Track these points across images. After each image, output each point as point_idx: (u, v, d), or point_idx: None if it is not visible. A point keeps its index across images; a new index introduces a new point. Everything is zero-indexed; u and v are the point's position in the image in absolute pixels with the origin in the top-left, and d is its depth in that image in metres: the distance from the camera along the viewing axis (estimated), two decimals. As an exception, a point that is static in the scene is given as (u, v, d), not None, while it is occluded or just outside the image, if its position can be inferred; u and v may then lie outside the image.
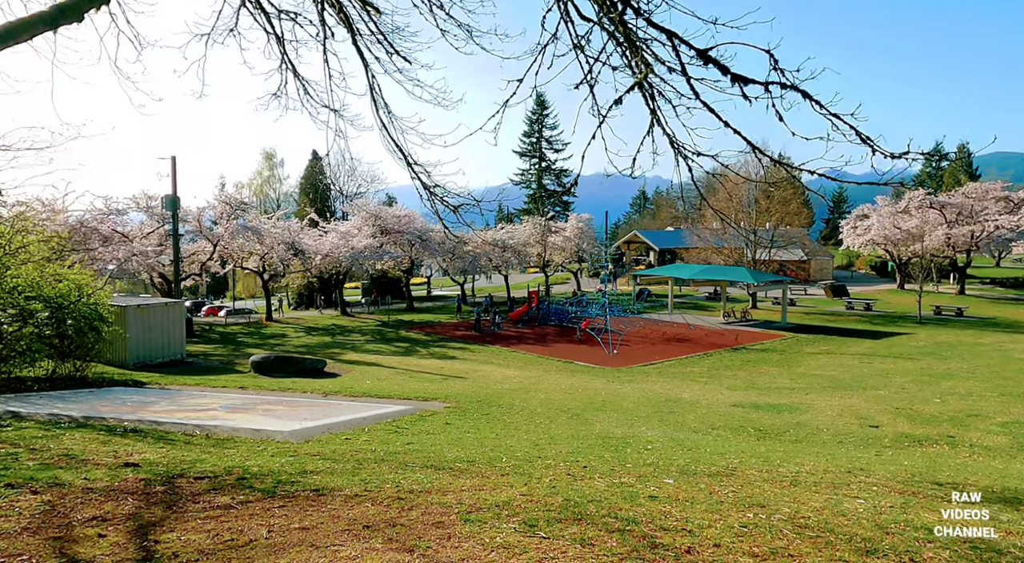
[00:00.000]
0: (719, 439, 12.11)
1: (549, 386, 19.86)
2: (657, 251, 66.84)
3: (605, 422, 14.23)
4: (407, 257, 47.40)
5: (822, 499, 5.53)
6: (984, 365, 23.66)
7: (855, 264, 70.33)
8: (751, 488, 6.01)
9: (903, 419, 15.01)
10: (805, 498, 5.54)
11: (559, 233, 54.08)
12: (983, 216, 48.44)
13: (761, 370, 24.30)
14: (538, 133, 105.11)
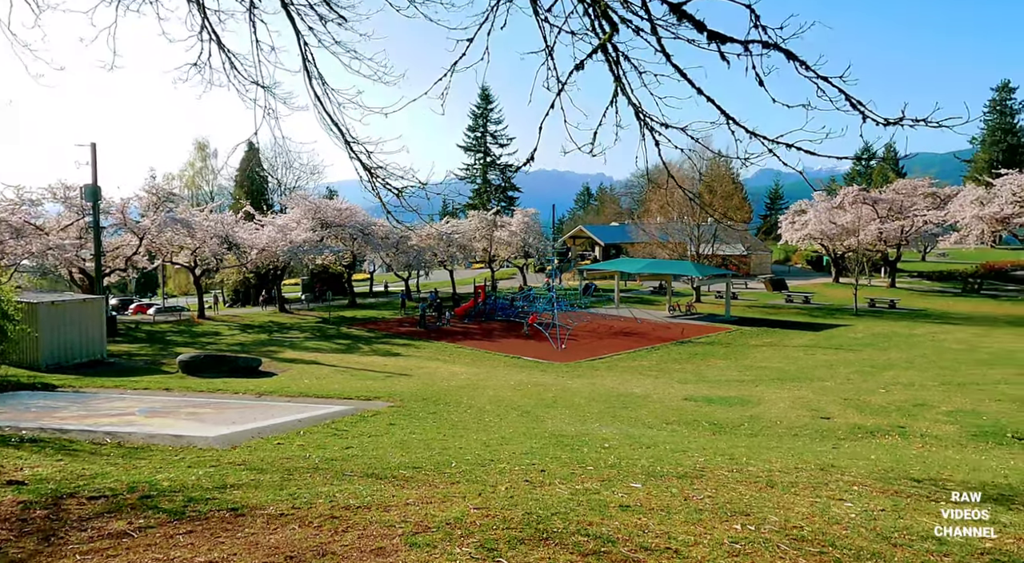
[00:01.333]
0: (676, 435, 11.69)
1: (498, 382, 19.20)
2: (602, 246, 67.06)
3: (557, 419, 13.67)
4: (349, 251, 45.95)
5: (807, 503, 5.03)
6: (921, 355, 24.24)
7: (792, 258, 72.22)
8: (727, 492, 5.48)
9: (853, 410, 14.98)
10: (789, 502, 5.04)
11: (505, 228, 53.51)
12: (912, 212, 50.25)
13: (709, 363, 24.26)
14: (483, 128, 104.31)
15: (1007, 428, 13.06)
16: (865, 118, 4.60)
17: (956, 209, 45.97)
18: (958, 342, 27.45)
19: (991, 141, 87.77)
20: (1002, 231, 45.24)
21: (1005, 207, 42.36)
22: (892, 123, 4.46)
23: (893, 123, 4.46)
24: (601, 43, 5.75)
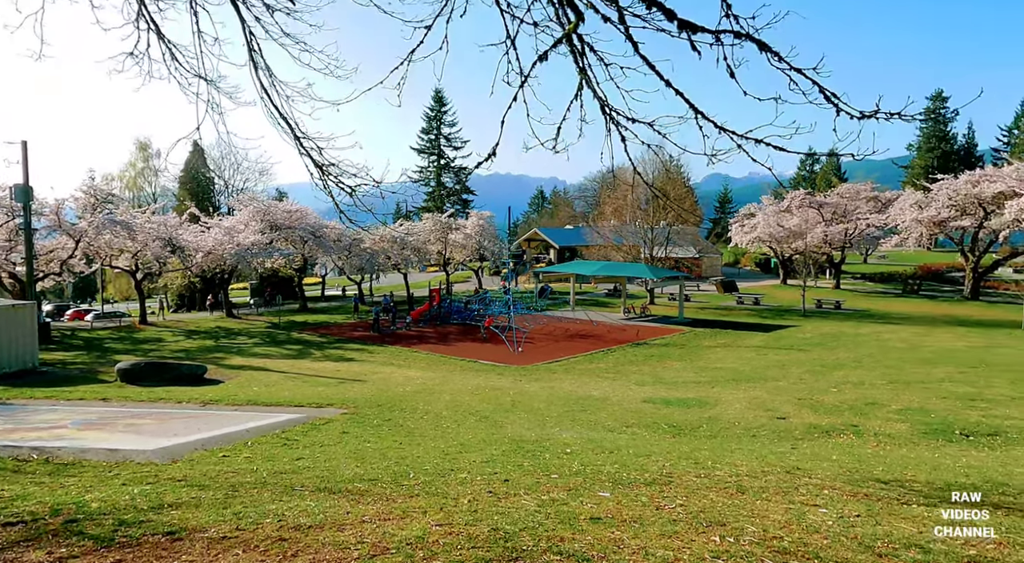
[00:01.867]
0: (637, 438, 11.55)
1: (454, 387, 18.83)
2: (557, 249, 67.25)
3: (516, 424, 13.39)
4: (300, 254, 44.84)
5: (781, 510, 4.88)
6: (868, 354, 24.85)
7: (741, 261, 73.77)
8: (698, 499, 5.29)
9: (807, 410, 15.14)
10: (763, 510, 4.88)
11: (460, 230, 53.11)
12: (855, 215, 51.88)
13: (665, 364, 24.38)
14: (436, 130, 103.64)
15: (954, 425, 13.36)
16: (839, 112, 4.47)
17: (896, 213, 47.61)
18: (901, 341, 28.31)
19: (927, 148, 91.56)
20: (939, 234, 47.04)
21: (942, 211, 44.05)
22: (867, 116, 4.34)
23: (868, 116, 4.34)
24: (566, 33, 5.52)
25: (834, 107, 4.46)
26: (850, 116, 4.43)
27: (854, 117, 4.42)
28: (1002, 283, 51.21)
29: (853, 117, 4.43)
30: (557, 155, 6.49)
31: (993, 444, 12.02)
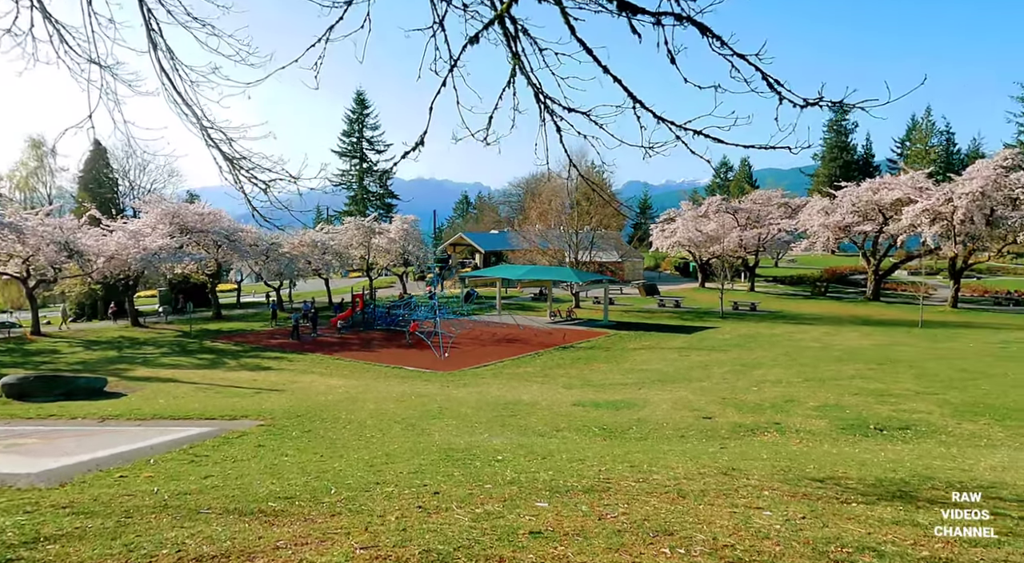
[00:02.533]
0: (568, 442, 11.34)
1: (379, 394, 18.16)
2: (483, 253, 66.96)
3: (444, 431, 12.94)
4: (213, 259, 42.65)
5: (726, 514, 4.69)
6: (783, 354, 25.74)
7: (662, 265, 75.72)
8: (641, 506, 5.04)
9: (731, 409, 15.39)
10: (707, 515, 4.68)
11: (383, 235, 52.00)
12: (768, 220, 54.12)
13: (593, 367, 24.45)
14: (359, 133, 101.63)
15: (868, 420, 13.87)
16: (782, 100, 4.33)
17: (805, 218, 49.94)
18: (813, 341, 29.55)
19: (830, 158, 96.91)
20: (844, 238, 49.66)
21: (846, 216, 46.53)
22: (811, 104, 4.22)
23: (812, 104, 4.22)
24: (498, 14, 5.20)
25: (777, 95, 4.32)
26: (793, 104, 4.30)
27: (797, 105, 4.29)
28: (900, 284, 54.57)
29: (796, 105, 4.29)
30: (487, 147, 6.15)
31: (905, 437, 12.51)
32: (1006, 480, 6.44)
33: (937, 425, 13.39)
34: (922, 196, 41.42)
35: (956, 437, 12.41)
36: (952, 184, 40.87)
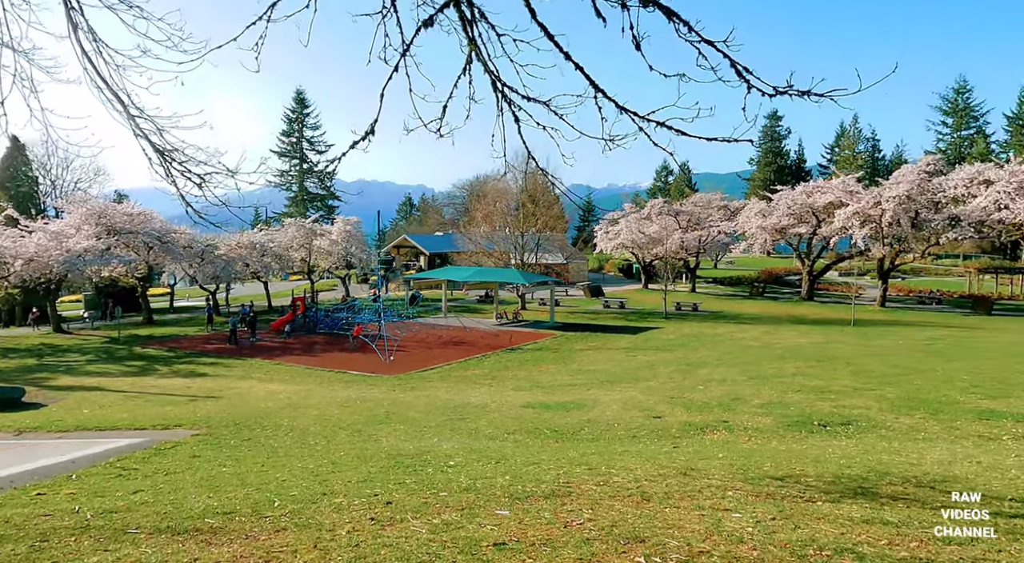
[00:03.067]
0: (521, 445, 11.12)
1: (322, 400, 17.55)
2: (428, 255, 66.30)
3: (392, 436, 12.54)
4: (143, 262, 40.69)
5: (695, 518, 4.55)
6: (727, 352, 26.24)
7: (605, 267, 76.61)
8: (606, 511, 4.85)
9: (680, 408, 15.48)
10: (676, 519, 4.52)
11: (325, 236, 50.77)
12: (708, 223, 55.39)
13: (541, 368, 24.34)
14: (299, 133, 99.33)
15: (812, 416, 14.14)
16: (750, 88, 4.21)
17: (744, 220, 51.29)
18: (754, 340, 30.24)
19: (765, 162, 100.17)
20: (780, 240, 51.23)
21: (782, 219, 47.97)
22: (780, 92, 4.11)
23: (781, 93, 4.11)
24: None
25: (745, 83, 4.19)
26: (762, 93, 4.19)
27: (766, 94, 4.18)
28: (832, 285, 56.65)
29: (765, 94, 4.18)
30: (441, 139, 5.86)
31: (848, 432, 12.79)
32: (956, 473, 6.56)
33: (876, 420, 13.76)
34: (853, 199, 43.07)
35: (895, 431, 12.76)
36: (880, 188, 42.64)
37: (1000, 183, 38.11)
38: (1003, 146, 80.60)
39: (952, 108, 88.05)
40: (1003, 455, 9.04)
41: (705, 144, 4.93)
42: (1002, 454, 9.21)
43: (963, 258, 69.63)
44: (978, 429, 12.80)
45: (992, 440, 11.86)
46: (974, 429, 12.81)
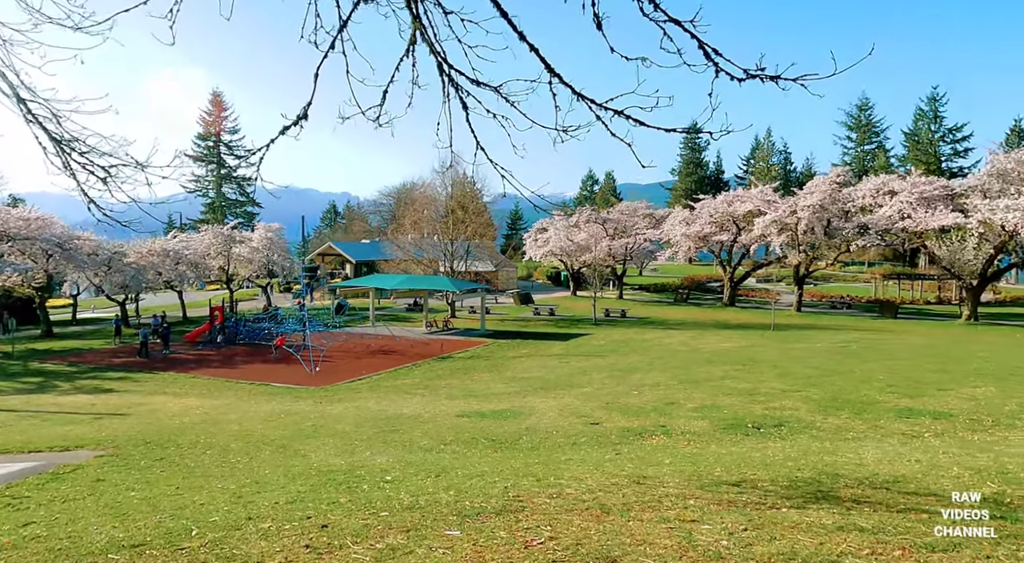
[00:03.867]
0: (460, 456, 10.66)
1: (244, 414, 16.52)
2: (354, 263, 64.71)
3: (321, 451, 11.82)
4: (42, 270, 37.74)
5: (663, 531, 4.25)
6: (657, 357, 26.55)
7: (534, 274, 76.96)
8: (565, 527, 4.50)
9: (617, 413, 15.38)
10: (644, 533, 4.21)
11: (245, 243, 48.67)
12: (635, 230, 56.48)
13: (474, 377, 23.89)
14: (216, 137, 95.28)
15: (745, 419, 14.30)
16: (718, 71, 3.98)
17: (669, 228, 52.57)
18: (682, 344, 30.82)
19: (686, 173, 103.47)
20: (703, 248, 52.77)
21: (705, 227, 49.42)
22: (751, 76, 3.89)
23: (751, 76, 3.89)
24: (398, -33, 4.51)
25: (713, 66, 3.96)
26: (731, 77, 3.97)
27: (735, 78, 3.96)
28: (751, 291, 58.81)
29: (734, 78, 3.96)
30: (380, 128, 5.39)
31: (781, 434, 12.97)
32: (903, 473, 6.59)
33: (806, 421, 14.05)
34: (771, 208, 44.83)
35: (825, 431, 13.03)
36: (796, 198, 44.57)
37: (903, 194, 40.50)
38: (901, 160, 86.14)
39: (856, 124, 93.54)
40: (932, 453, 9.27)
41: (630, 155, 4.73)
42: (930, 452, 9.44)
43: (868, 265, 73.84)
44: (900, 427, 13.25)
45: (915, 437, 12.27)
46: (896, 427, 13.25)
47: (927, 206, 39.21)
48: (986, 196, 37.80)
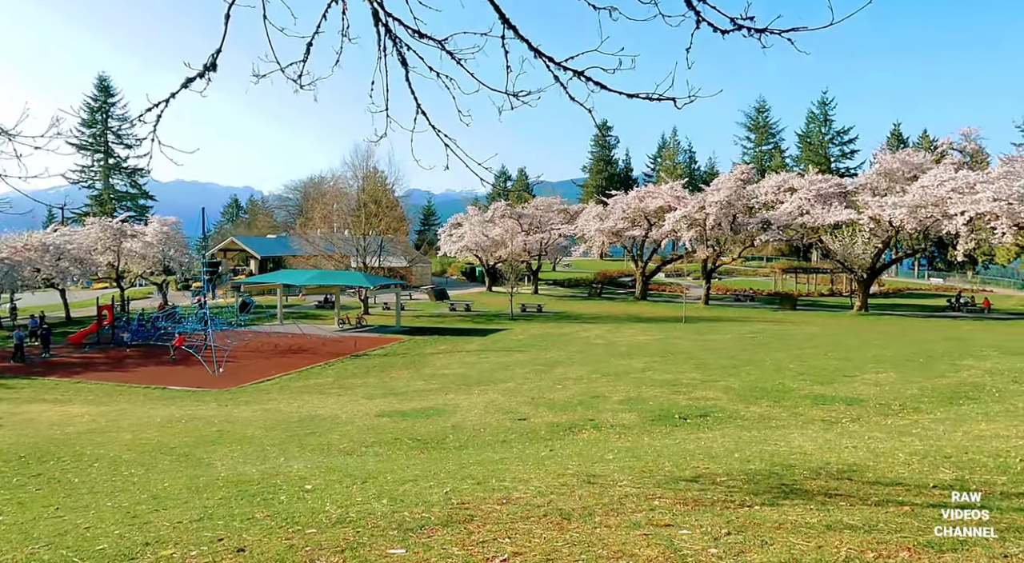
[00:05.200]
0: (385, 459, 9.94)
1: (138, 421, 15.03)
2: (259, 259, 61.68)
3: (229, 459, 10.79)
4: None
5: (639, 540, 3.80)
6: (577, 351, 26.53)
7: (448, 270, 76.10)
8: (526, 539, 3.97)
9: (544, 409, 15.05)
10: (618, 544, 3.75)
11: (138, 238, 45.25)
12: (549, 226, 56.75)
13: (392, 374, 22.99)
14: (103, 123, 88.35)
15: (671, 410, 14.32)
16: (700, 22, 3.55)
17: (583, 223, 53.12)
18: (599, 338, 31.00)
19: (596, 170, 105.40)
20: (616, 243, 53.66)
21: (618, 222, 50.24)
22: (737, 27, 3.49)
23: (738, 27, 3.49)
24: None
25: (694, 15, 3.53)
26: (714, 28, 3.55)
27: (719, 30, 3.55)
28: (661, 285, 60.41)
29: (717, 30, 3.55)
30: (300, 91, 4.66)
31: (708, 424, 13.02)
32: (854, 462, 6.49)
33: (729, 410, 14.21)
34: (680, 204, 46.08)
35: (749, 420, 13.19)
36: (704, 194, 46.00)
37: (802, 191, 42.59)
38: (796, 160, 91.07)
39: (754, 125, 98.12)
40: (857, 438, 9.40)
41: (543, 152, 4.28)
42: (855, 438, 9.59)
43: (767, 260, 77.65)
44: (818, 414, 13.60)
45: (834, 423, 12.60)
46: (815, 414, 13.60)
47: (824, 203, 41.40)
48: (875, 194, 40.34)
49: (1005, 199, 31.82)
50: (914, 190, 36.48)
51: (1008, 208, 31.75)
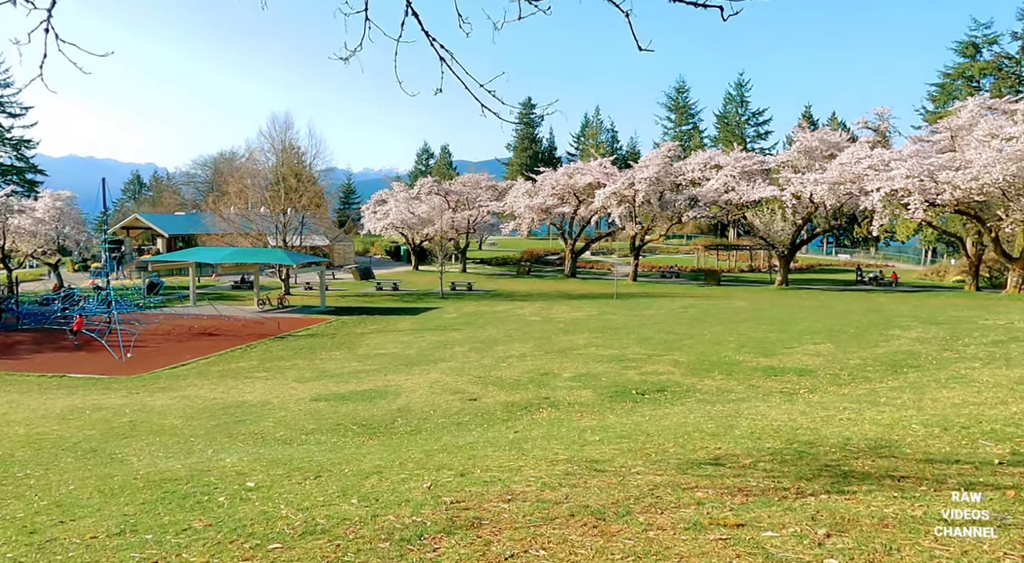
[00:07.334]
0: (331, 448, 8.88)
1: (33, 414, 13.21)
2: (166, 238, 57.67)
3: (147, 454, 9.43)
4: None
5: (720, 549, 3.03)
6: (515, 329, 25.85)
7: (371, 249, 73.86)
8: (569, 554, 3.14)
9: (493, 388, 14.27)
10: (695, 555, 2.97)
11: (27, 214, 41.12)
12: (477, 203, 55.68)
13: (323, 356, 21.57)
14: (-19, 88, 79.89)
15: (628, 386, 13.83)
16: None
17: (512, 200, 52.38)
18: (535, 315, 30.45)
19: (521, 148, 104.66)
20: (546, 220, 53.25)
21: (547, 199, 49.79)
22: None
23: None
24: None
25: None
26: None
27: None
28: (589, 263, 60.70)
29: None
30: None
31: (667, 399, 12.58)
32: (867, 434, 6.01)
33: (685, 384, 13.85)
34: (609, 180, 46.03)
35: (709, 394, 12.85)
36: (633, 170, 46.11)
37: (727, 168, 43.33)
38: (713, 141, 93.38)
39: (675, 105, 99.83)
40: (836, 410, 9.10)
41: (465, 131, 3.46)
42: (833, 410, 9.29)
43: (688, 238, 79.50)
44: (774, 386, 13.42)
45: (793, 394, 12.41)
46: (771, 386, 13.42)
47: (748, 179, 42.26)
48: (796, 171, 41.49)
49: (917, 176, 33.27)
50: (833, 167, 37.68)
51: (920, 185, 33.21)
